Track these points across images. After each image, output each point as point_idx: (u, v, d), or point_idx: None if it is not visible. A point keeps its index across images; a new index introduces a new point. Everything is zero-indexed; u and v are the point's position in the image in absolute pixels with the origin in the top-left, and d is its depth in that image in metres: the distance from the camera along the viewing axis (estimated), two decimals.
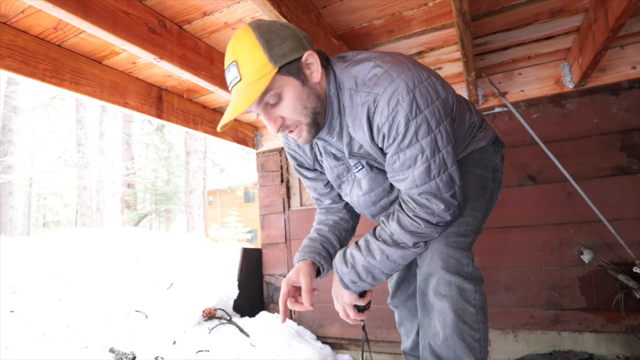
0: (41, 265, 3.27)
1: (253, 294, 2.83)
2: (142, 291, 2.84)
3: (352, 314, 1.07)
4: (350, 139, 0.98)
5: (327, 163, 1.12)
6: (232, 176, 20.27)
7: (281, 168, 2.91)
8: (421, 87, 0.86)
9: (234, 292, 2.72)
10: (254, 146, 2.94)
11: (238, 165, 21.25)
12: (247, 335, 2.31)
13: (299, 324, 2.65)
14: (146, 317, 2.47)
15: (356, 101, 0.89)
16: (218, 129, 0.88)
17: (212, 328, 2.32)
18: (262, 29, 0.84)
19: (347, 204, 1.27)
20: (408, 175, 0.90)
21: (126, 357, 1.93)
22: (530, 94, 2.14)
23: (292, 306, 1.05)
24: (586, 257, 1.94)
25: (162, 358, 1.95)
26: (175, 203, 18.08)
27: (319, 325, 2.63)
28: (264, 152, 2.97)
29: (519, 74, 2.16)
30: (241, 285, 2.75)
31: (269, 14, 1.22)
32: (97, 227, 10.09)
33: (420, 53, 1.93)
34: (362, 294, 1.08)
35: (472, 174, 1.09)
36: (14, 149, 10.84)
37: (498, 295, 2.12)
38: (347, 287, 1.03)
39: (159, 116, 2.11)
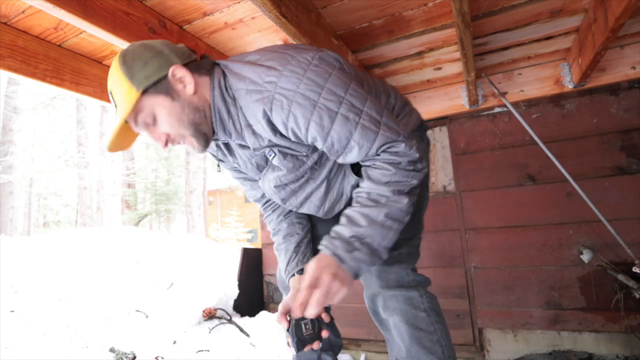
0: (41, 265, 3.27)
1: (253, 293, 2.83)
2: (142, 291, 2.85)
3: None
4: (256, 136, 0.94)
5: (242, 157, 1.07)
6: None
7: None
8: (312, 67, 0.85)
9: (234, 292, 2.72)
10: None
11: None
12: (247, 335, 2.31)
13: None
14: (146, 317, 2.48)
15: (249, 100, 0.87)
16: (107, 151, 0.95)
17: (212, 328, 2.32)
18: (126, 57, 0.88)
19: None
20: (352, 145, 0.86)
21: (126, 357, 1.93)
22: (530, 94, 2.14)
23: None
24: (586, 257, 1.94)
25: (162, 358, 1.96)
26: (175, 203, 18.08)
27: None
28: None
29: (519, 74, 2.16)
30: (241, 285, 2.75)
31: (269, 14, 1.22)
32: (97, 227, 10.10)
33: (420, 53, 1.93)
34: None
35: None
36: (14, 149, 10.84)
37: (498, 295, 2.12)
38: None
39: None
